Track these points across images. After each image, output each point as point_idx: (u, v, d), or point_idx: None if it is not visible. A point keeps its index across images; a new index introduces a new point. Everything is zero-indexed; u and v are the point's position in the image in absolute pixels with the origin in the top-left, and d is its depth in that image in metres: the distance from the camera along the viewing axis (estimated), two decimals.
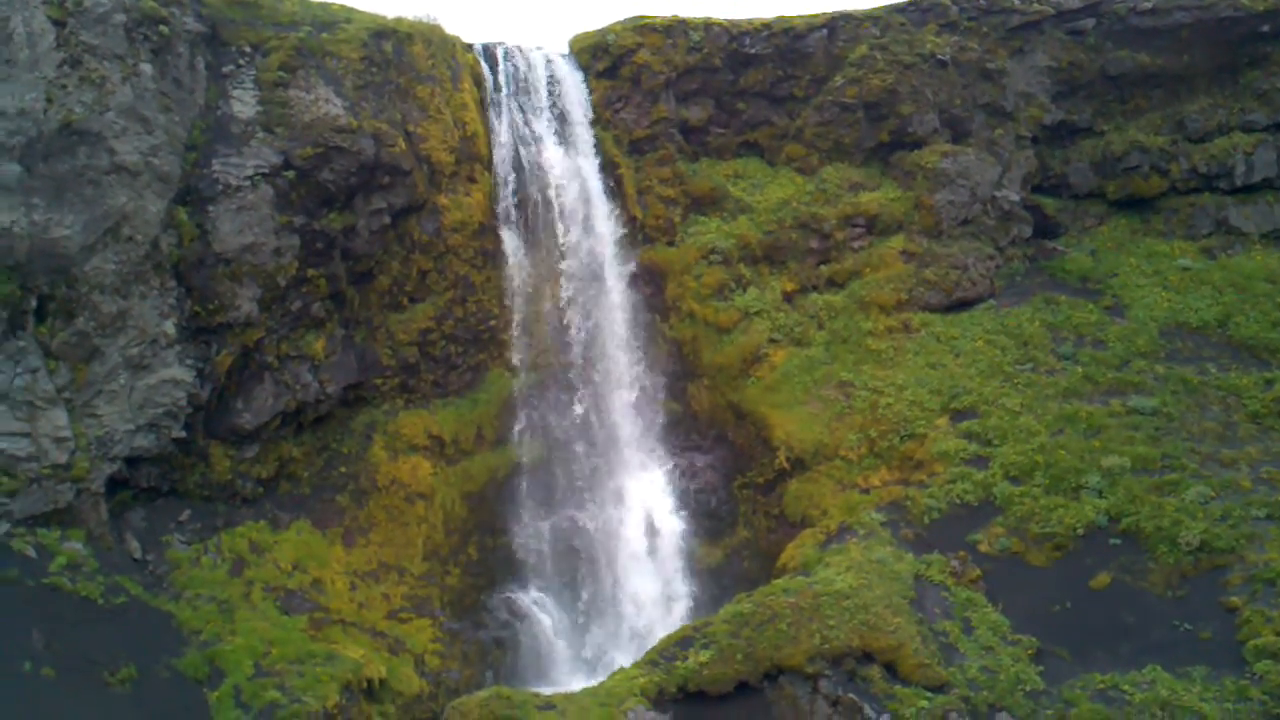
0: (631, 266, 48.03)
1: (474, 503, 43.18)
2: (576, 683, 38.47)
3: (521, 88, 47.54)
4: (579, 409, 45.73)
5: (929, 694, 32.36)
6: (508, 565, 43.21)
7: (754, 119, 51.76)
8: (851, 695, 32.15)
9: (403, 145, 42.01)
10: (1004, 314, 47.67)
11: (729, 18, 51.07)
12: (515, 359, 45.62)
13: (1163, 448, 40.23)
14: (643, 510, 44.60)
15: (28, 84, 34.02)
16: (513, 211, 46.11)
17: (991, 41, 52.15)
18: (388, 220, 42.24)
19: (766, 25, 51.08)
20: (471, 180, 44.96)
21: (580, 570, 43.59)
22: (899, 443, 42.65)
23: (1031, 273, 51.01)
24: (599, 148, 48.32)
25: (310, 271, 40.10)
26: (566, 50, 50.28)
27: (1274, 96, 51.97)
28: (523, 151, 46.48)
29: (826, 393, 44.85)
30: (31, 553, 32.03)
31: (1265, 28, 51.21)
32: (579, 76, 49.22)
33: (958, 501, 39.83)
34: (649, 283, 48.18)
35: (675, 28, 49.96)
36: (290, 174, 39.22)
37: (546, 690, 35.24)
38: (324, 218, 40.34)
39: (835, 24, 51.54)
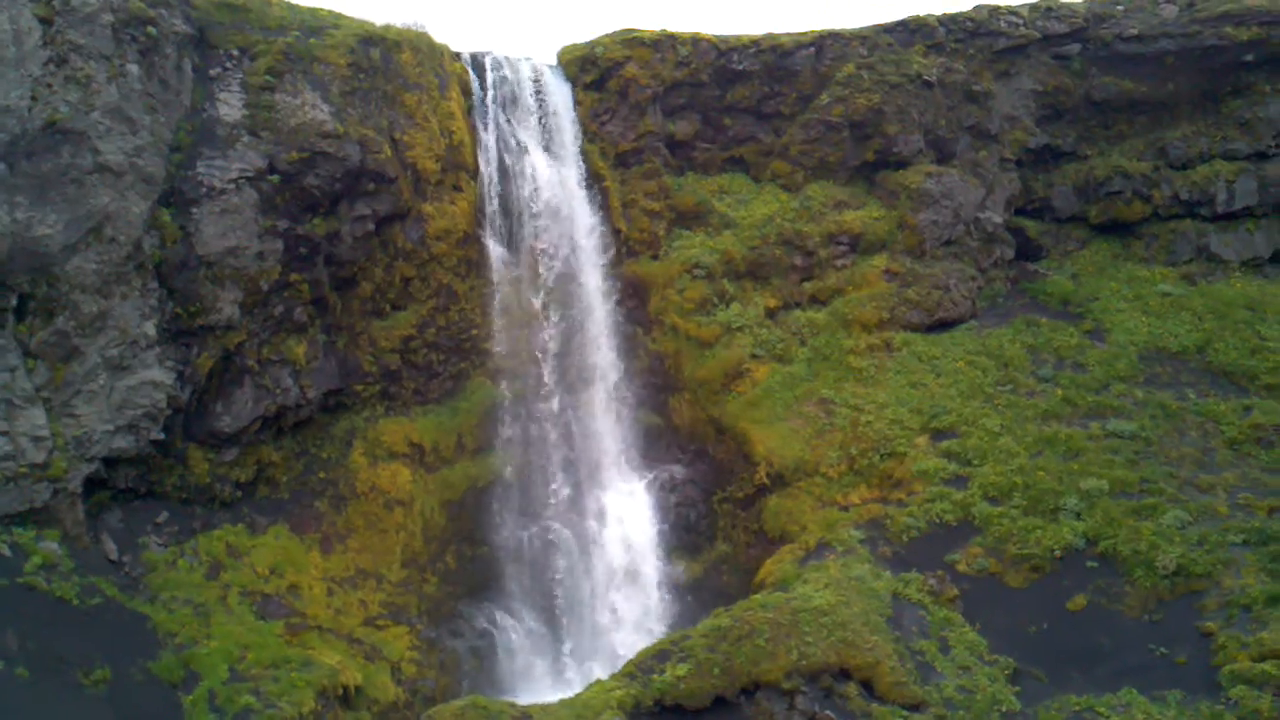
0: (615, 279, 48.09)
1: (453, 511, 42.95)
2: (553, 694, 38.16)
3: (509, 98, 47.49)
4: (560, 420, 45.61)
5: (905, 712, 32.32)
6: (486, 574, 42.94)
7: (740, 135, 51.92)
8: (828, 712, 32.07)
9: (388, 152, 41.92)
10: (985, 335, 47.86)
11: (718, 34, 51.23)
12: (497, 368, 45.46)
13: (1141, 472, 40.40)
14: (622, 522, 44.41)
15: (13, 82, 33.80)
16: (497, 221, 46.07)
17: (978, 64, 52.49)
18: (372, 227, 42.08)
19: (755, 42, 51.28)
20: (457, 189, 44.89)
21: (558, 581, 43.25)
22: (879, 461, 42.71)
23: (1013, 295, 51.37)
24: (585, 159, 48.38)
25: (293, 276, 39.95)
26: (555, 62, 50.29)
27: (1256, 125, 52.47)
28: (509, 161, 46.44)
29: (807, 409, 44.91)
30: (7, 552, 31.74)
31: (1249, 57, 51.70)
32: (566, 88, 49.28)
33: (936, 521, 39.86)
34: (632, 296, 48.24)
35: (664, 42, 50.10)
36: (275, 178, 39.05)
37: (523, 700, 35.03)
38: (308, 223, 40.17)
39: (823, 42, 51.75)
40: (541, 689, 40.35)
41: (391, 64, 43.31)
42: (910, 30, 52.59)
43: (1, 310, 33.43)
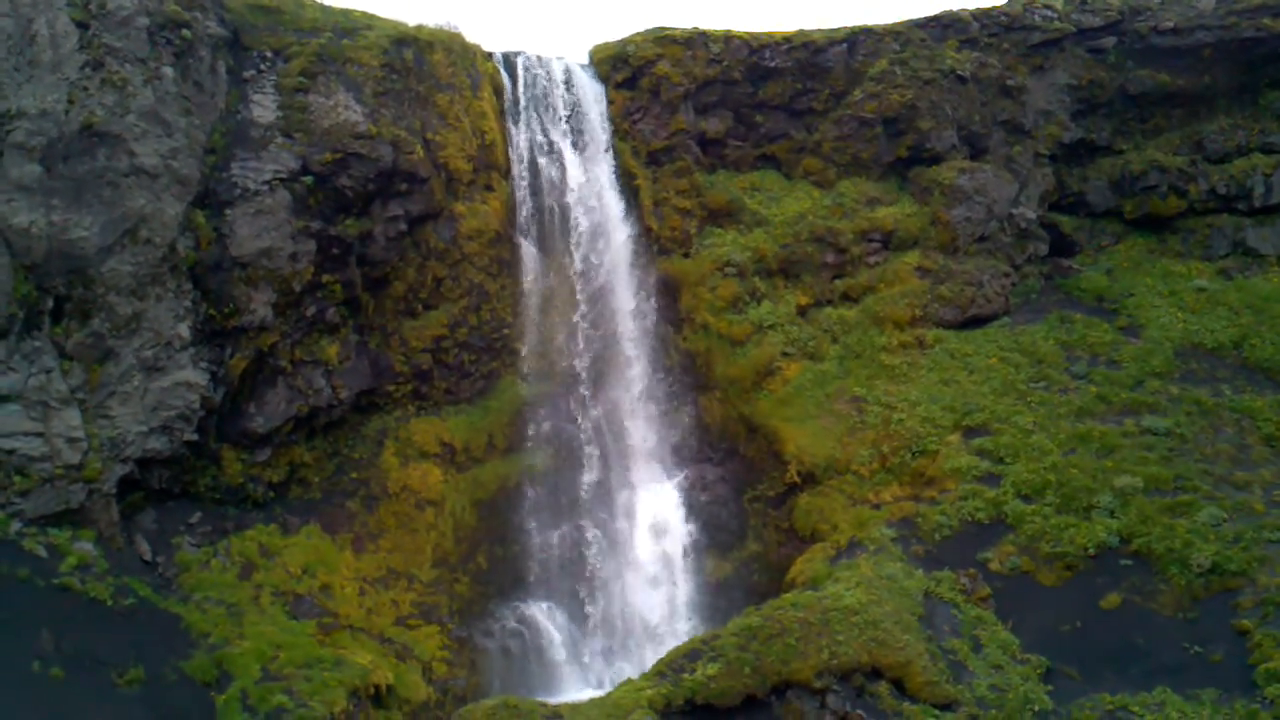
0: (647, 277, 48.07)
1: (484, 511, 43.01)
2: (584, 693, 38.42)
3: (541, 97, 47.57)
4: (590, 419, 45.69)
5: (937, 711, 32.22)
6: (517, 574, 43.04)
7: (772, 132, 51.76)
8: (859, 711, 31.97)
9: (421, 153, 42.07)
10: (1018, 331, 47.55)
11: (749, 30, 51.12)
12: (528, 367, 45.61)
13: (1175, 469, 40.02)
14: (653, 522, 44.45)
15: (50, 85, 34.20)
16: (529, 220, 46.22)
17: (1012, 58, 52.17)
18: (404, 227, 42.26)
19: (787, 39, 51.14)
20: (489, 189, 45.02)
21: (589, 581, 43.39)
22: (911, 459, 42.52)
23: (1047, 291, 51.03)
24: (617, 158, 48.43)
25: (326, 277, 40.14)
26: (586, 60, 50.32)
27: None
28: (540, 161, 46.56)
29: (839, 407, 44.74)
30: (42, 552, 32.06)
31: None
32: (598, 87, 49.29)
33: (969, 519, 39.67)
34: (663, 294, 48.15)
35: (695, 40, 50.01)
36: (308, 179, 39.24)
37: (553, 700, 35.10)
38: (341, 223, 40.37)
39: (856, 38, 51.57)
40: (572, 688, 40.51)
41: (424, 64, 43.44)
42: (944, 25, 52.35)
43: (38, 312, 33.75)
